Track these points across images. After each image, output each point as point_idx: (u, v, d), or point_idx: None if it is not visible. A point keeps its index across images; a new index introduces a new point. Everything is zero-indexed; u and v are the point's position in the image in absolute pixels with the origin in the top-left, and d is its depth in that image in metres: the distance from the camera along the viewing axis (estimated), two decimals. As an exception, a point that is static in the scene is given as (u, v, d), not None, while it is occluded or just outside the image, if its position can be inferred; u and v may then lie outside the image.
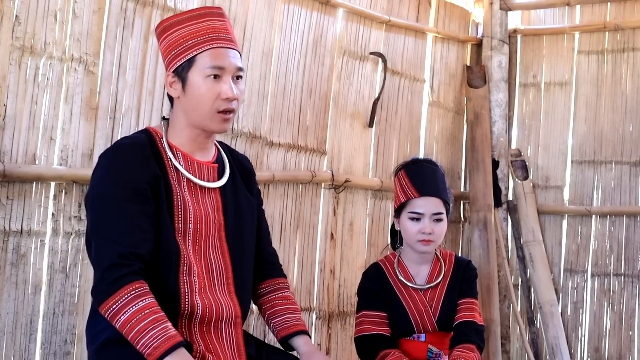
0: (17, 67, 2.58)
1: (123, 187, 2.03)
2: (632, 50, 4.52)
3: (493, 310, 4.34)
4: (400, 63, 4.27)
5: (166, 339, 1.90)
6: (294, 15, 3.64)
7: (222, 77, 2.12)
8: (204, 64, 2.11)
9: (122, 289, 1.93)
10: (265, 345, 2.37)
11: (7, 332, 2.59)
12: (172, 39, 2.15)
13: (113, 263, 1.95)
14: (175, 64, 2.14)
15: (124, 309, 1.92)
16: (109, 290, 1.94)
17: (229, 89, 2.12)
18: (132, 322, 1.91)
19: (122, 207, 2.02)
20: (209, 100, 2.12)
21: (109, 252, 1.97)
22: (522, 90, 4.83)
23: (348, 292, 3.93)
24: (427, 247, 2.75)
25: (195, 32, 2.13)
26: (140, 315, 1.91)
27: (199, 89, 2.11)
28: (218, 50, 2.12)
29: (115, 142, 2.19)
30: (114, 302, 1.93)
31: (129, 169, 2.06)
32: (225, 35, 2.16)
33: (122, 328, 1.93)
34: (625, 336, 4.43)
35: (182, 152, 2.17)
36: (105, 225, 2.01)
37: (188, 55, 2.12)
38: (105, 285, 1.95)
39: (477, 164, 4.58)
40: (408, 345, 2.76)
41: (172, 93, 2.18)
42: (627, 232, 4.47)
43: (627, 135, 4.51)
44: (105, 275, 1.96)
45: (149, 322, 1.91)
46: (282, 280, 2.42)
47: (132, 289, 1.94)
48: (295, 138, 3.66)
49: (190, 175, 2.16)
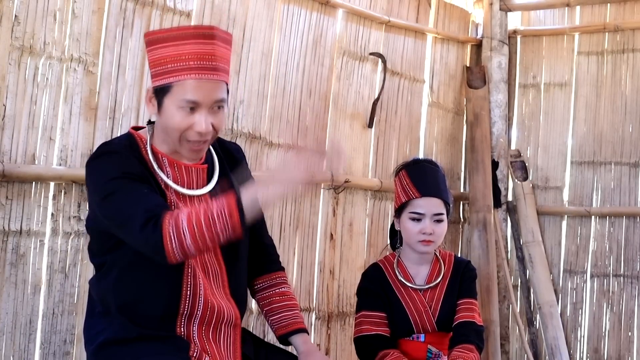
0: (16, 67, 2.59)
1: (122, 175, 1.99)
2: (632, 51, 4.52)
3: (492, 311, 4.34)
4: (399, 64, 4.27)
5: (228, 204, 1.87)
6: (294, 16, 3.64)
7: (197, 109, 2.03)
8: (179, 95, 2.01)
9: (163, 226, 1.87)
10: (264, 345, 2.36)
11: (7, 332, 2.59)
12: (154, 55, 2.05)
13: (144, 219, 1.89)
14: (154, 83, 2.06)
15: (178, 224, 1.87)
16: (156, 236, 1.88)
17: (202, 124, 2.03)
18: (194, 218, 1.87)
19: (130, 187, 1.98)
20: (180, 131, 2.04)
21: (137, 216, 1.91)
22: (521, 91, 4.82)
23: (347, 293, 3.92)
24: (427, 248, 2.75)
25: (177, 56, 2.01)
26: (194, 213, 1.87)
27: (172, 118, 2.03)
28: (197, 83, 2.01)
29: (97, 148, 2.14)
30: (169, 236, 1.87)
31: (120, 161, 2.02)
32: (208, 64, 2.02)
33: (191, 230, 1.87)
34: (624, 337, 4.43)
35: (168, 158, 2.12)
36: (123, 204, 1.96)
37: (165, 80, 2.02)
38: (151, 239, 1.89)
39: (476, 164, 4.57)
40: (407, 345, 2.76)
41: (149, 109, 2.11)
42: (627, 233, 4.47)
43: (626, 136, 4.51)
44: (144, 234, 1.90)
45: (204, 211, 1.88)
46: (279, 275, 2.39)
47: (169, 216, 1.89)
48: (294, 138, 3.66)
49: (177, 187, 2.11)
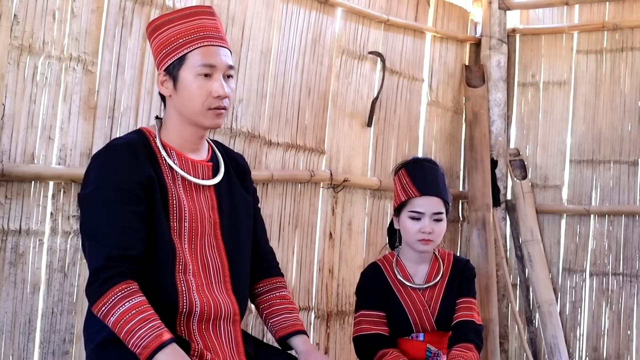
0: (15, 67, 2.58)
1: (114, 188, 2.04)
2: (631, 49, 4.52)
3: (491, 310, 4.34)
4: (399, 62, 4.27)
5: (154, 338, 1.91)
6: (293, 15, 3.64)
7: (213, 75, 2.13)
8: (195, 62, 2.11)
9: (110, 290, 1.95)
10: (263, 345, 2.37)
11: (6, 332, 2.59)
12: (162, 37, 2.16)
13: (101, 266, 1.98)
14: (166, 63, 2.14)
15: (113, 309, 1.94)
16: (99, 292, 1.97)
17: (220, 87, 2.12)
18: (121, 322, 1.93)
19: (112, 208, 2.03)
20: (201, 98, 2.12)
21: (98, 255, 1.99)
22: (520, 90, 4.82)
23: (347, 292, 3.93)
24: (426, 247, 2.75)
25: (186, 31, 2.14)
26: (128, 315, 1.93)
27: (190, 87, 2.12)
28: (209, 49, 2.13)
29: (107, 143, 2.20)
30: (104, 304, 1.96)
31: (120, 169, 2.06)
32: (215, 34, 2.17)
33: (114, 328, 1.95)
34: (623, 335, 4.43)
35: (175, 151, 2.18)
36: (95, 227, 2.03)
37: (179, 53, 2.13)
38: (95, 287, 1.98)
39: (475, 163, 4.58)
40: (406, 344, 2.76)
41: (163, 92, 2.18)
42: (626, 231, 4.47)
43: (625, 135, 4.51)
44: (95, 278, 1.99)
45: (137, 321, 1.93)
46: (279, 280, 2.42)
47: (120, 289, 1.96)
48: (294, 137, 3.66)
49: (185, 174, 2.16)
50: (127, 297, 1.95)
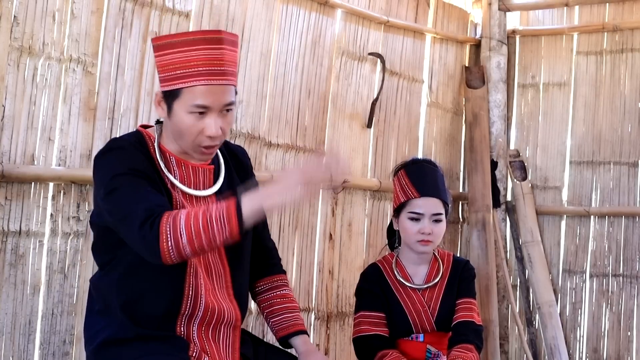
0: (15, 68, 2.59)
1: (129, 169, 2.01)
2: (631, 51, 4.52)
3: (492, 311, 4.34)
4: (398, 64, 4.27)
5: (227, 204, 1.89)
6: (293, 16, 3.64)
7: (208, 113, 2.05)
8: (190, 100, 2.03)
9: (160, 225, 1.89)
10: (263, 344, 2.37)
11: (6, 333, 2.59)
12: (163, 60, 2.06)
13: (143, 218, 1.91)
14: (164, 88, 2.08)
15: (175, 225, 1.88)
16: (153, 236, 1.89)
17: (212, 127, 2.05)
18: (192, 219, 1.88)
19: (135, 183, 1.99)
20: (191, 135, 2.06)
21: (137, 214, 1.92)
22: (520, 91, 4.82)
23: (347, 293, 3.93)
24: (426, 248, 2.75)
25: (186, 62, 2.03)
26: (192, 213, 1.89)
27: (182, 122, 2.05)
28: (206, 88, 2.03)
29: (108, 142, 2.17)
30: (166, 236, 1.88)
31: (128, 157, 2.04)
32: (217, 69, 2.04)
33: (189, 232, 1.88)
34: (623, 337, 4.43)
35: (175, 157, 2.14)
36: (126, 200, 1.97)
37: (175, 85, 2.04)
38: (149, 238, 1.90)
39: (475, 164, 4.57)
40: (406, 345, 2.76)
41: (158, 112, 2.12)
42: (626, 232, 4.46)
43: (625, 136, 4.51)
44: (142, 232, 1.91)
45: (203, 210, 1.90)
46: (280, 277, 2.41)
47: (167, 217, 1.90)
48: (293, 138, 3.67)
49: (184, 187, 2.13)
50: (178, 212, 1.91)
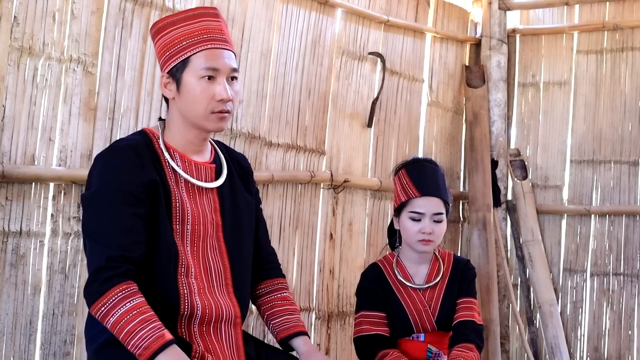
0: (15, 68, 2.59)
1: (117, 189, 2.04)
2: (631, 49, 4.52)
3: (492, 310, 4.34)
4: (399, 63, 4.27)
5: (156, 339, 1.90)
6: (293, 16, 3.64)
7: (217, 78, 2.12)
8: (198, 65, 2.10)
9: (110, 291, 1.94)
10: (264, 346, 2.37)
11: (7, 333, 2.59)
12: (166, 39, 2.14)
13: (102, 266, 1.96)
14: (170, 65, 2.13)
15: (113, 310, 1.93)
16: (98, 292, 1.95)
17: (223, 90, 2.11)
18: (121, 323, 1.92)
19: (114, 210, 2.02)
20: (204, 102, 2.11)
21: (99, 256, 1.98)
22: (521, 90, 4.82)
23: (347, 292, 3.93)
24: (426, 247, 2.75)
25: (190, 33, 2.12)
26: (128, 316, 1.92)
27: (194, 90, 2.11)
28: (212, 51, 2.12)
29: (111, 144, 2.19)
30: (103, 304, 1.94)
31: (123, 171, 2.06)
32: (219, 36, 2.15)
33: (113, 329, 1.94)
34: (624, 335, 4.43)
35: (179, 153, 2.17)
36: (97, 228, 2.03)
37: (182, 56, 2.11)
38: (94, 287, 1.97)
39: (476, 163, 4.57)
40: (407, 345, 2.76)
41: (166, 94, 2.17)
42: (626, 231, 4.47)
43: (626, 135, 4.51)
44: (95, 277, 1.97)
45: (138, 322, 1.92)
46: (280, 281, 2.42)
47: (120, 290, 1.95)
48: (294, 138, 3.67)
49: (188, 176, 2.16)
50: (128, 297, 1.94)
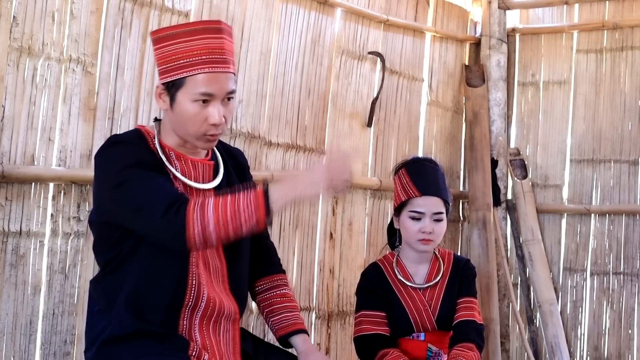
0: (15, 68, 2.59)
1: (136, 162, 2.02)
2: (631, 48, 4.51)
3: (492, 309, 4.34)
4: (398, 62, 4.27)
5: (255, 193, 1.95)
6: (292, 15, 3.64)
7: (211, 101, 2.08)
8: (194, 89, 2.05)
9: (187, 213, 1.92)
10: (263, 344, 2.37)
11: (7, 333, 2.59)
12: (164, 52, 2.08)
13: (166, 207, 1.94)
14: (166, 79, 2.09)
15: (203, 209, 1.92)
16: (180, 223, 1.92)
17: (216, 115, 2.08)
18: (220, 209, 1.93)
19: (145, 177, 2.01)
20: (195, 125, 2.08)
21: (157, 205, 1.95)
22: (520, 89, 4.82)
23: (347, 292, 3.93)
24: (426, 247, 2.75)
25: (188, 51, 2.05)
26: (220, 204, 1.93)
27: (187, 112, 2.07)
28: (209, 75, 2.06)
29: (108, 138, 2.17)
30: (193, 220, 1.92)
31: (133, 150, 2.06)
32: (219, 57, 2.08)
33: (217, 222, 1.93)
34: (624, 335, 4.43)
35: (175, 152, 2.16)
36: (140, 197, 1.99)
37: (178, 75, 2.06)
38: (175, 225, 1.93)
39: (476, 163, 4.57)
40: (407, 344, 2.76)
41: (160, 104, 2.14)
42: (626, 230, 4.46)
43: (625, 134, 4.51)
44: (167, 220, 1.93)
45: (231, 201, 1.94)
46: (280, 277, 2.41)
47: (194, 203, 1.94)
48: (293, 138, 3.66)
49: (185, 179, 2.15)
50: (206, 202, 1.94)
